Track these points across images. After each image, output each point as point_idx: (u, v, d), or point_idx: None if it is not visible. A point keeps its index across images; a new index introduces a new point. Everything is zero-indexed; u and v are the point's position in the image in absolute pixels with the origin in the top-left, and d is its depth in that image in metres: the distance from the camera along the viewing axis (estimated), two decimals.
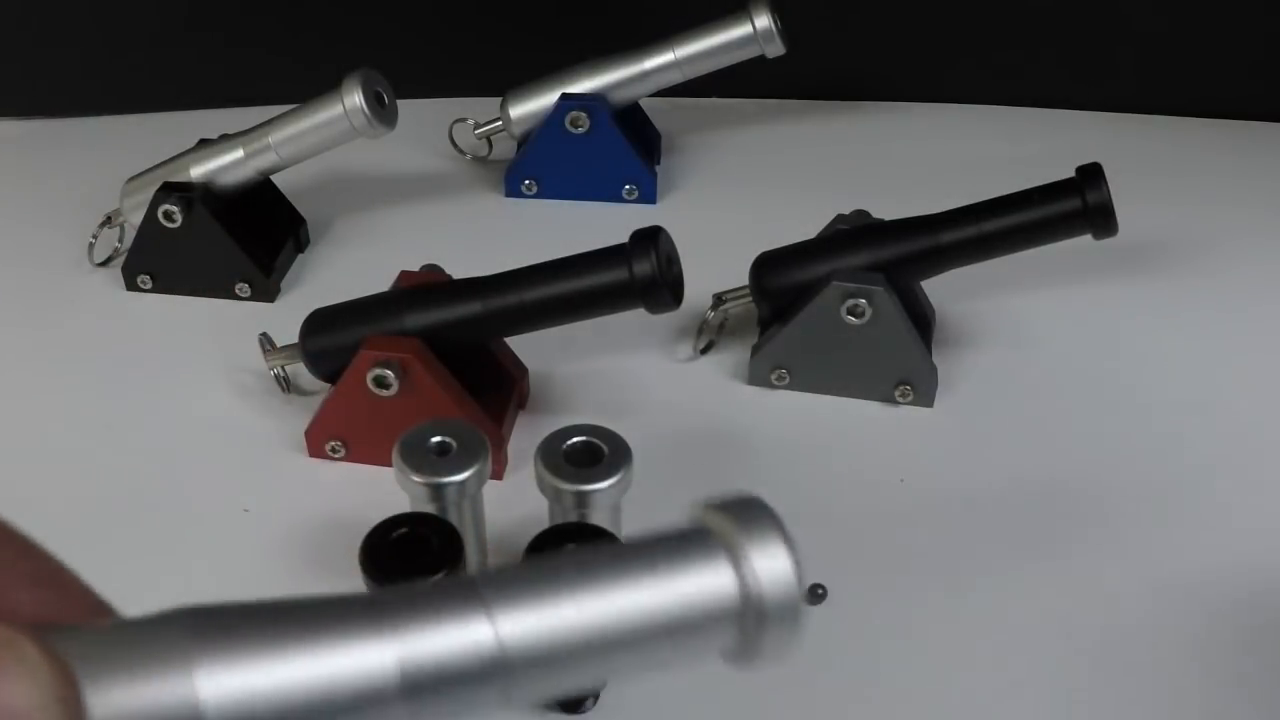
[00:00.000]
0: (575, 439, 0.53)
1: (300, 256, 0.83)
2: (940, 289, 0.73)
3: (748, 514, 0.30)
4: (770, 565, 0.29)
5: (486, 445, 0.52)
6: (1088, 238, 0.69)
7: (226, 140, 0.77)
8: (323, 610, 0.28)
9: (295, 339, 0.66)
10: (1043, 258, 0.71)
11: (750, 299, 0.71)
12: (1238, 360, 0.73)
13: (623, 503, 0.53)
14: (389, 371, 0.60)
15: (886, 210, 0.72)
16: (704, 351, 0.73)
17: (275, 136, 0.75)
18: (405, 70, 0.81)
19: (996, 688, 0.53)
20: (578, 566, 0.30)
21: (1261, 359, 0.73)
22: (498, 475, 0.64)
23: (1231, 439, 0.67)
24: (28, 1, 0.96)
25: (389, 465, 0.53)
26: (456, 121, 0.91)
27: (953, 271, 0.69)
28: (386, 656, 0.27)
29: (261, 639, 0.27)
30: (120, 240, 0.81)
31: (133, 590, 0.60)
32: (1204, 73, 0.99)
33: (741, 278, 0.71)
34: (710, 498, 0.31)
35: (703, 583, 0.30)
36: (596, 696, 0.52)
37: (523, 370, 0.69)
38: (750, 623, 0.29)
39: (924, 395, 0.69)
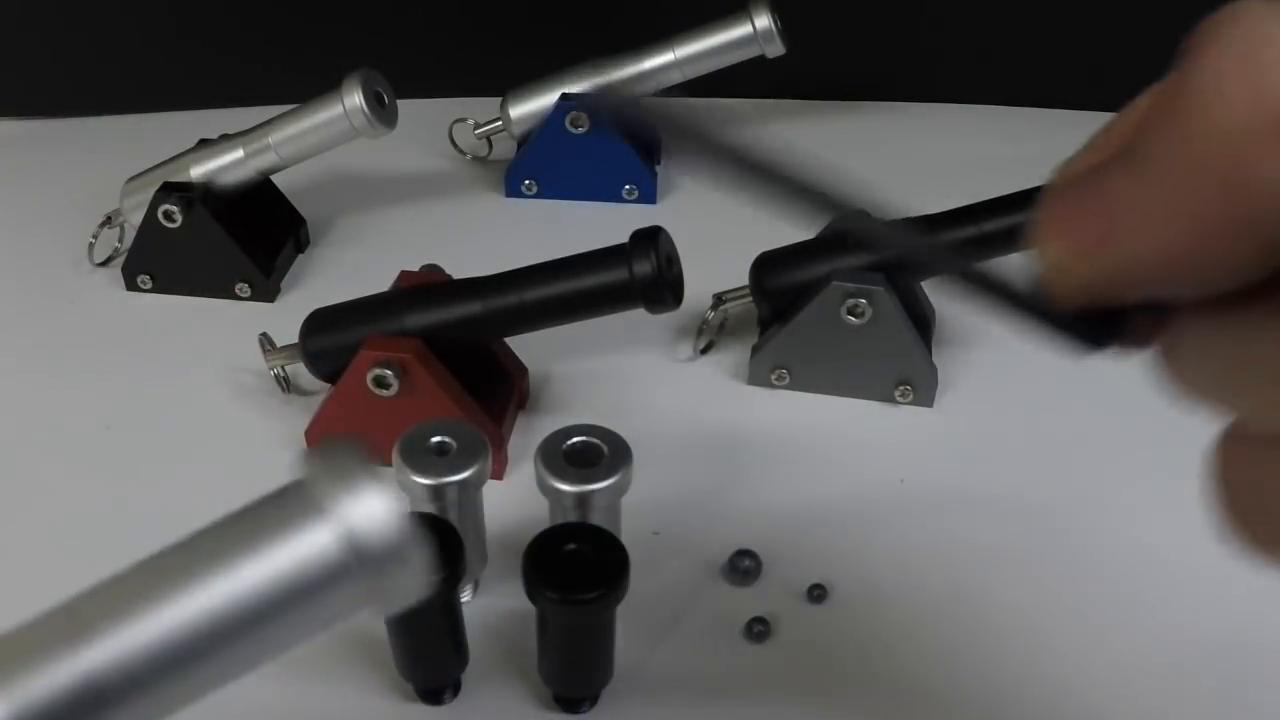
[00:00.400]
0: (575, 439, 0.53)
1: (300, 256, 0.83)
2: (940, 289, 0.73)
3: (334, 459, 0.29)
4: (363, 509, 0.28)
5: (486, 445, 0.52)
6: None
7: (226, 140, 0.77)
8: None
9: (295, 339, 0.66)
10: None
11: (750, 299, 0.71)
12: None
13: (622, 503, 0.53)
14: (389, 371, 0.60)
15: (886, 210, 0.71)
16: (704, 351, 0.73)
17: (275, 136, 0.75)
18: (405, 70, 0.81)
19: (996, 688, 0.53)
20: (171, 566, 0.29)
21: None
22: (498, 475, 0.64)
23: None
24: (28, 1, 0.97)
25: (389, 465, 0.53)
26: (456, 121, 0.91)
27: None
28: None
29: None
30: (120, 240, 0.81)
31: None
32: None
33: (741, 278, 0.71)
34: (310, 450, 0.29)
35: (302, 546, 0.28)
36: (597, 696, 0.52)
37: (523, 370, 0.69)
38: (362, 570, 0.28)
39: (924, 395, 0.69)
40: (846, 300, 0.65)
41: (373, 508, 0.28)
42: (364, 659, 0.54)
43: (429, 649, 0.50)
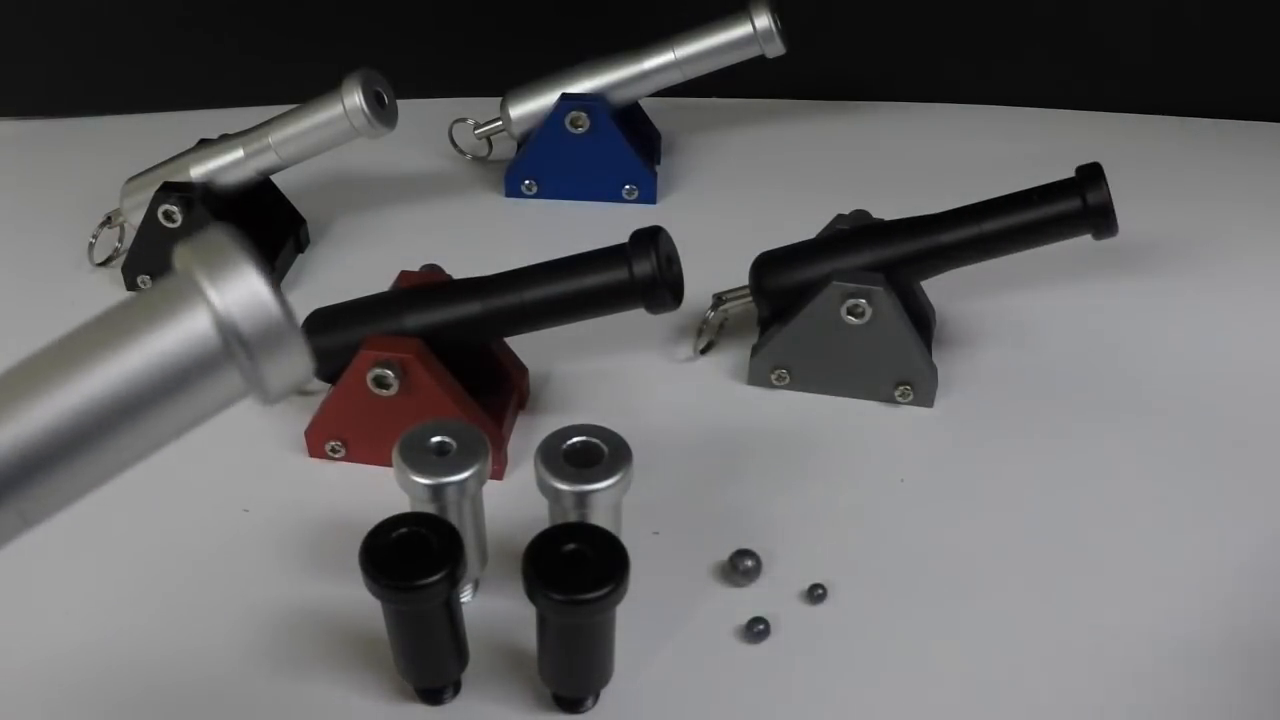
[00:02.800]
0: (575, 439, 0.53)
1: (300, 256, 0.83)
2: (940, 289, 0.73)
3: (207, 248, 0.28)
4: (237, 292, 0.28)
5: (486, 445, 0.52)
6: (1088, 238, 0.69)
7: (226, 140, 0.77)
8: None
9: None
10: (1043, 258, 0.71)
11: (750, 299, 0.71)
12: (1238, 359, 0.73)
13: (623, 503, 0.53)
14: (389, 371, 0.60)
15: (886, 210, 0.72)
16: (704, 351, 0.73)
17: (275, 136, 0.75)
18: (405, 70, 0.81)
19: (997, 687, 0.53)
20: (54, 359, 0.29)
21: (1262, 357, 0.73)
22: (498, 475, 0.64)
23: (1232, 436, 0.67)
24: (28, 2, 0.96)
25: (389, 465, 0.53)
26: (456, 121, 0.91)
27: (953, 271, 0.69)
28: None
29: None
30: (120, 240, 0.81)
31: (133, 589, 0.60)
32: (1204, 73, 0.99)
33: (741, 278, 0.71)
34: (183, 241, 0.29)
35: (175, 334, 0.28)
36: (597, 696, 0.52)
37: (523, 370, 0.69)
38: (242, 356, 0.28)
39: (924, 395, 0.69)
40: (846, 300, 0.65)
41: (248, 290, 0.28)
42: (364, 659, 0.54)
43: (429, 649, 0.50)
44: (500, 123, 0.88)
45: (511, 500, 0.61)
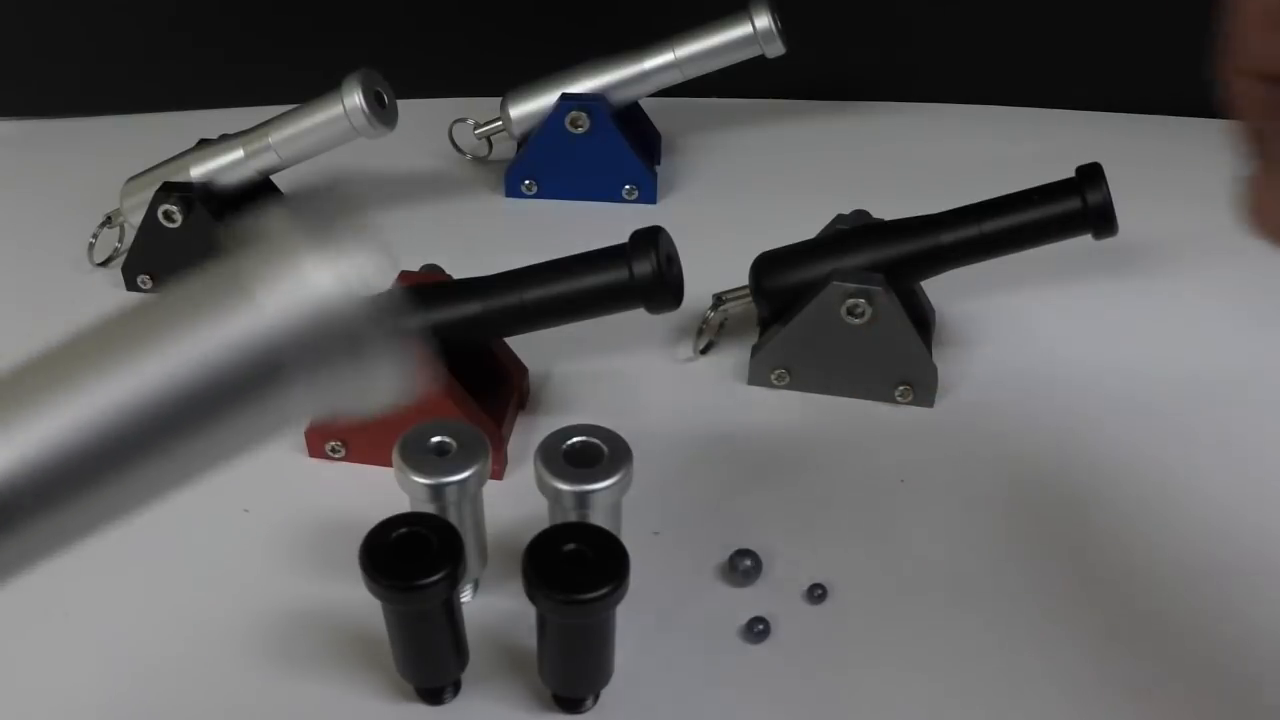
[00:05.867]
0: (575, 439, 0.53)
1: None
2: (940, 289, 0.73)
3: (270, 233, 0.23)
4: (301, 291, 0.22)
5: (486, 445, 0.52)
6: (1088, 237, 0.69)
7: (226, 140, 0.77)
8: None
9: None
10: (1043, 258, 0.71)
11: (750, 299, 0.71)
12: (1238, 358, 0.73)
13: (623, 503, 0.53)
14: None
15: (886, 210, 0.72)
16: (704, 351, 0.73)
17: (275, 136, 0.75)
18: (405, 70, 0.81)
19: (998, 689, 0.53)
20: (81, 355, 0.24)
21: (1262, 356, 0.73)
22: (498, 475, 0.64)
23: (1231, 436, 0.67)
24: (27, 2, 0.97)
25: (389, 465, 0.53)
26: (456, 121, 0.91)
27: (953, 271, 0.69)
28: None
29: None
30: (120, 240, 0.81)
31: (132, 589, 0.60)
32: (1204, 73, 0.98)
33: (741, 278, 0.71)
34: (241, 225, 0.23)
35: (226, 336, 0.23)
36: (597, 696, 0.52)
37: (523, 370, 0.69)
38: (305, 363, 0.23)
39: (924, 395, 0.69)
40: (846, 300, 0.65)
41: (313, 288, 0.22)
42: (364, 659, 0.54)
43: (429, 649, 0.50)
44: (500, 123, 0.88)
45: (511, 500, 0.61)
